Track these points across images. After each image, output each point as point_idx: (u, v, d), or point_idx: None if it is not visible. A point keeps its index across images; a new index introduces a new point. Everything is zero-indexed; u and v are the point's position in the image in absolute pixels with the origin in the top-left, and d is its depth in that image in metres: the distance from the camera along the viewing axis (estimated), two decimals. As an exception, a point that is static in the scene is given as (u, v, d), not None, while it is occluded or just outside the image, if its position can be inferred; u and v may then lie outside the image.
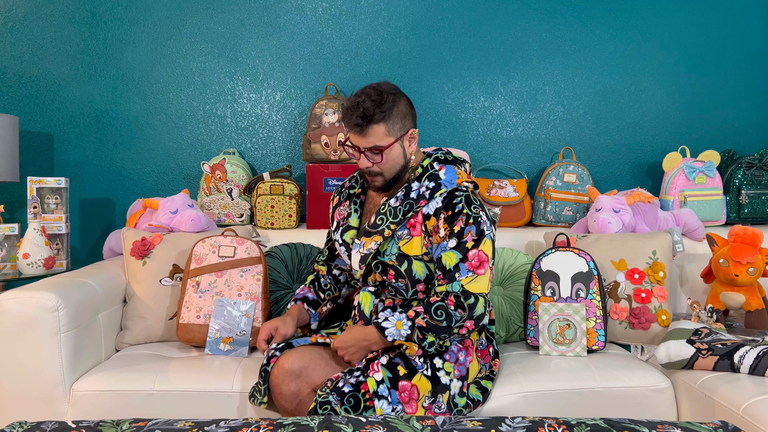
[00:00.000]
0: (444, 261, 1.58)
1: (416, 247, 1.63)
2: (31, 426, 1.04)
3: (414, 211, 1.63)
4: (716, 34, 2.70)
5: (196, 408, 1.66)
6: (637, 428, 0.99)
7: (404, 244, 1.64)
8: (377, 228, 1.66)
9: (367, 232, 1.67)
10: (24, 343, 1.65)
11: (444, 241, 1.59)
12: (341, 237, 1.76)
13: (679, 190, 2.44)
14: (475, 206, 1.61)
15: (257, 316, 1.92)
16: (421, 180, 1.66)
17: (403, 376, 1.54)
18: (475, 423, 1.02)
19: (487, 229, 1.60)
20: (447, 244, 1.58)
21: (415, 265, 1.63)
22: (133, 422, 1.04)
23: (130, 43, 2.62)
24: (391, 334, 1.55)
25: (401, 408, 1.51)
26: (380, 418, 1.05)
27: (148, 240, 2.07)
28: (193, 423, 1.04)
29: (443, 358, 1.60)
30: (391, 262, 1.64)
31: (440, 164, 1.69)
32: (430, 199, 1.63)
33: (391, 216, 1.65)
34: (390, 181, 1.67)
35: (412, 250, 1.63)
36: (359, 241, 1.68)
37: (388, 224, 1.64)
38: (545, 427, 1.00)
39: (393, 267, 1.65)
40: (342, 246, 1.75)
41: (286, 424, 1.02)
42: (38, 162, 2.64)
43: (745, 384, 1.54)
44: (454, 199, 1.61)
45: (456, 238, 1.58)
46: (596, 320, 1.88)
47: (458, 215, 1.59)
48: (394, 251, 1.64)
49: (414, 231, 1.64)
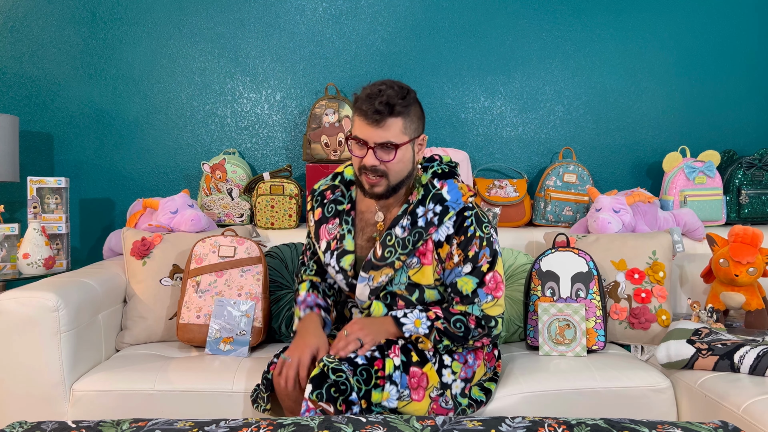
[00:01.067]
0: (460, 287, 1.55)
1: (428, 276, 1.57)
2: (31, 426, 1.04)
3: (424, 239, 1.54)
4: (716, 34, 2.70)
5: (196, 408, 1.66)
6: (637, 428, 0.99)
7: (414, 273, 1.56)
8: (386, 261, 1.55)
9: (375, 265, 1.56)
10: (24, 343, 1.65)
11: (458, 267, 1.55)
12: (337, 263, 1.62)
13: (679, 190, 2.44)
14: (486, 225, 1.57)
15: (257, 316, 1.92)
16: (425, 203, 1.56)
17: (416, 363, 1.51)
18: (475, 423, 1.02)
19: (498, 247, 1.58)
20: (462, 270, 1.55)
21: (427, 293, 1.59)
22: (133, 422, 1.04)
23: (130, 43, 2.62)
24: (409, 330, 1.52)
25: (408, 393, 1.48)
26: (380, 418, 1.05)
27: (148, 240, 2.07)
28: (193, 423, 1.04)
29: (452, 356, 1.59)
30: (401, 291, 1.58)
31: (440, 180, 1.60)
32: (439, 224, 1.54)
33: (399, 248, 1.54)
34: (393, 187, 1.55)
35: (424, 279, 1.57)
36: (366, 275, 1.57)
37: (398, 256, 1.54)
38: (545, 427, 1.00)
39: (403, 297, 1.58)
40: (339, 273, 1.63)
41: (286, 424, 1.02)
42: (38, 162, 2.64)
43: (745, 384, 1.54)
44: (464, 221, 1.55)
45: (471, 263, 1.54)
46: (596, 320, 1.88)
47: (471, 240, 1.54)
48: (404, 281, 1.57)
49: (424, 259, 1.56)
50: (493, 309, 1.56)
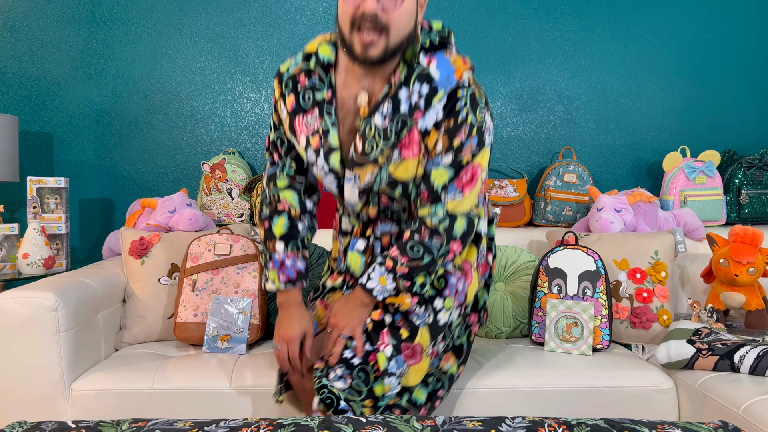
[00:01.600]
0: (433, 179, 1.36)
1: (410, 170, 1.37)
2: (31, 426, 1.03)
3: (408, 128, 1.33)
4: (716, 34, 2.70)
5: (194, 406, 1.66)
6: (637, 428, 0.98)
7: (395, 168, 1.36)
8: (368, 156, 1.35)
9: (358, 162, 1.37)
10: (23, 343, 1.65)
11: (439, 156, 1.35)
12: (326, 163, 1.41)
13: (680, 190, 2.43)
14: (481, 108, 1.35)
15: (254, 313, 1.92)
16: (409, 84, 1.32)
17: (407, 339, 1.41)
18: (475, 423, 1.02)
19: (489, 136, 1.38)
20: (441, 160, 1.35)
21: (410, 186, 1.41)
22: (132, 422, 1.04)
23: (130, 43, 2.62)
24: (379, 292, 1.40)
25: (406, 366, 1.40)
26: (380, 419, 1.04)
27: (146, 239, 2.07)
28: (192, 423, 1.04)
29: (443, 295, 1.46)
30: (382, 189, 1.41)
31: (428, 55, 1.34)
32: (427, 108, 1.32)
33: (381, 139, 1.33)
34: (392, 50, 1.29)
35: (405, 174, 1.37)
36: (351, 174, 1.38)
37: (381, 150, 1.34)
38: (545, 427, 1.00)
39: (386, 193, 1.43)
40: (329, 175, 1.42)
41: (286, 424, 1.02)
42: (38, 162, 2.63)
43: (746, 384, 1.53)
44: (456, 103, 1.32)
45: (453, 153, 1.34)
46: (602, 319, 1.89)
47: (461, 126, 1.33)
48: (384, 177, 1.38)
49: (406, 151, 1.35)
50: (459, 206, 1.36)
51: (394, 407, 1.45)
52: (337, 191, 1.45)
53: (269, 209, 1.51)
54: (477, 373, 1.71)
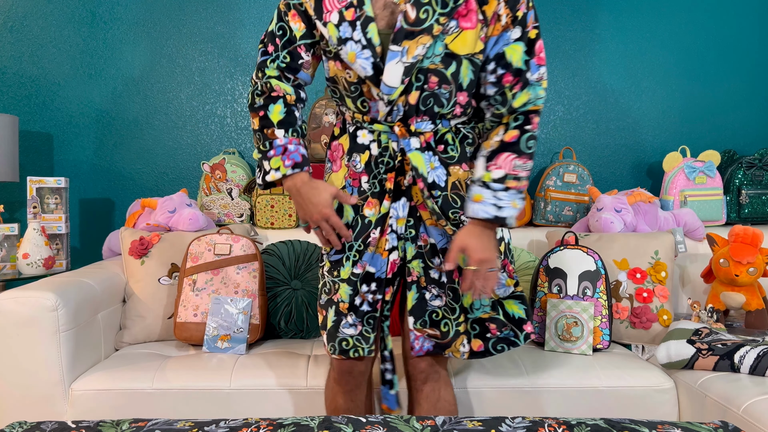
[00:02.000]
0: (509, 56, 1.28)
1: (469, 43, 1.27)
2: (31, 426, 1.03)
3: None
4: (716, 34, 2.70)
5: (194, 406, 1.66)
6: (637, 428, 0.98)
7: (452, 39, 1.26)
8: (422, 24, 1.22)
9: (409, 32, 1.23)
10: (23, 343, 1.65)
11: (506, 31, 1.27)
12: (364, 36, 1.25)
13: (680, 190, 2.43)
14: None
15: (254, 313, 1.92)
16: None
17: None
18: (475, 423, 1.02)
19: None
20: (510, 35, 1.27)
21: (463, 67, 1.29)
22: (132, 422, 1.04)
23: (130, 43, 2.62)
24: (511, 220, 1.29)
25: None
26: (380, 419, 1.04)
27: (146, 239, 2.07)
28: (192, 423, 1.04)
29: None
30: (435, 65, 1.27)
31: None
32: None
33: (438, 6, 1.23)
34: None
35: (464, 48, 1.27)
36: (398, 47, 1.23)
37: (437, 17, 1.23)
38: (545, 427, 1.00)
39: (437, 72, 1.28)
40: (366, 50, 1.26)
41: (286, 424, 1.02)
42: (38, 162, 2.63)
43: (745, 384, 1.53)
44: None
45: (520, 26, 1.27)
46: (602, 319, 1.89)
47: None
48: (439, 51, 1.26)
49: (465, 21, 1.25)
50: (544, 82, 1.32)
51: (489, 321, 1.40)
52: (372, 71, 1.27)
53: (262, 98, 1.36)
54: (477, 373, 1.71)
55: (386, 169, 1.36)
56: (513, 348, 1.43)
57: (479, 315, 1.40)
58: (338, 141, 1.43)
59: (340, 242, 1.37)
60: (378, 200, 1.37)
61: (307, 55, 1.37)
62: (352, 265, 1.38)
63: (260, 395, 1.67)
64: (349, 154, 1.39)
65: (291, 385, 1.69)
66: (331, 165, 1.44)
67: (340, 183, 1.40)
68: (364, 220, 1.38)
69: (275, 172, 1.33)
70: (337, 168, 1.42)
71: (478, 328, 1.41)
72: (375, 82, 1.28)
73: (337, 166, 1.42)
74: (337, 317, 1.40)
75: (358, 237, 1.38)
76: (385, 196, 1.37)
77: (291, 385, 1.69)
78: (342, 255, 1.40)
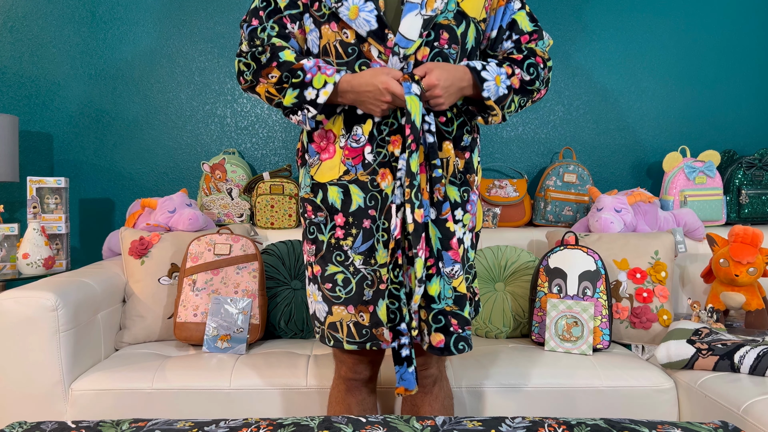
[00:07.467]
0: (520, 23, 1.38)
1: (478, 7, 1.33)
2: (30, 426, 1.03)
3: None
4: (716, 34, 2.70)
5: (194, 406, 1.66)
6: (637, 428, 0.98)
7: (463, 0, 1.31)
8: None
9: None
10: (23, 343, 1.65)
11: (509, 2, 1.38)
12: None
13: (680, 190, 2.43)
14: None
15: (254, 313, 1.92)
16: None
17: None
18: (475, 423, 1.02)
19: None
20: (513, 6, 1.39)
21: (471, 29, 1.33)
22: (132, 422, 1.04)
23: (130, 43, 2.62)
24: (489, 89, 1.28)
25: None
26: (380, 419, 1.04)
27: (146, 239, 2.07)
28: (192, 423, 1.04)
29: (465, 209, 1.36)
30: (447, 21, 1.28)
31: None
32: None
33: None
34: None
35: (473, 10, 1.32)
36: (418, 0, 1.23)
37: None
38: (545, 427, 1.00)
39: (449, 28, 1.29)
40: (369, 2, 1.23)
41: (286, 424, 1.02)
42: (38, 162, 2.63)
43: (745, 384, 1.53)
44: None
45: (520, 1, 1.41)
46: (602, 319, 1.89)
47: None
48: (452, 7, 1.28)
49: None
50: (548, 39, 1.43)
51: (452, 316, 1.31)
52: (376, 24, 1.23)
53: (268, 53, 1.29)
54: (477, 373, 1.71)
55: (389, 131, 1.30)
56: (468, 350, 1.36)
57: (443, 306, 1.31)
58: (323, 129, 1.36)
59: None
60: (388, 170, 1.30)
61: (292, 27, 1.33)
62: (385, 247, 1.31)
63: (260, 395, 1.67)
64: (346, 133, 1.32)
65: (291, 385, 1.69)
66: (319, 155, 1.36)
67: (336, 168, 1.33)
68: (381, 194, 1.31)
69: (326, 87, 1.25)
70: (330, 155, 1.35)
71: (443, 320, 1.31)
72: (379, 37, 1.24)
73: (329, 153, 1.35)
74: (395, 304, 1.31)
75: (381, 214, 1.31)
76: (390, 164, 1.31)
77: (291, 385, 1.69)
78: (371, 240, 1.31)
